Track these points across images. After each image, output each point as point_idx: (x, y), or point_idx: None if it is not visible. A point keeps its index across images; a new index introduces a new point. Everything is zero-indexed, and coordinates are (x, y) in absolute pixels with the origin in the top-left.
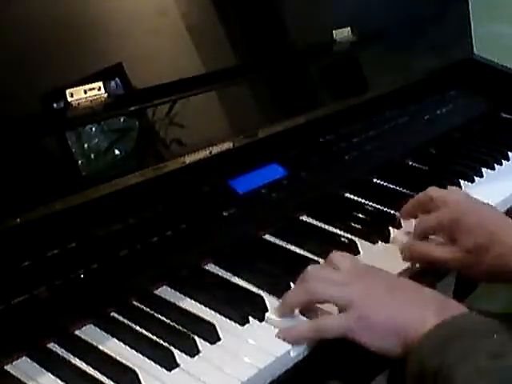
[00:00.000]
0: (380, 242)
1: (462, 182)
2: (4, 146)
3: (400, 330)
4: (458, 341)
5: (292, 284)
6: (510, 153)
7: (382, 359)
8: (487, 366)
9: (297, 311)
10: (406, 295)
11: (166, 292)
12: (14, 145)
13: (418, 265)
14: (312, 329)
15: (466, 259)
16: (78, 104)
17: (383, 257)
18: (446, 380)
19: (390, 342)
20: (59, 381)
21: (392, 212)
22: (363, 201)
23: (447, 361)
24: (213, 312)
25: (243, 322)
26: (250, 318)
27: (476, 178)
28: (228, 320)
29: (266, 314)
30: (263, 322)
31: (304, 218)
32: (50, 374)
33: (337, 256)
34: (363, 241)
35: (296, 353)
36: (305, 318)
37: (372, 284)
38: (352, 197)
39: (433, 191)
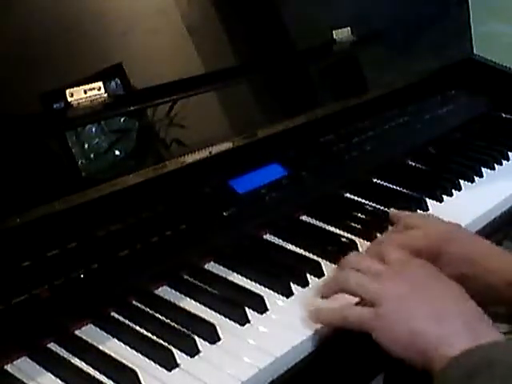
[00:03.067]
0: None
1: (461, 182)
2: (4, 146)
3: (420, 345)
4: (482, 375)
5: (292, 284)
6: (510, 153)
7: (377, 362)
8: None
9: None
10: (439, 307)
11: (165, 292)
12: (14, 145)
13: None
14: (337, 317)
15: None
16: (78, 104)
17: None
18: None
19: (409, 352)
20: (59, 381)
21: None
22: (363, 201)
23: None
24: (213, 312)
25: (243, 321)
26: (250, 317)
27: (476, 178)
28: (228, 320)
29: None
30: (263, 321)
31: (304, 218)
32: (50, 374)
33: (386, 246)
34: (363, 241)
35: (296, 353)
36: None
37: (407, 285)
38: (352, 197)
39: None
